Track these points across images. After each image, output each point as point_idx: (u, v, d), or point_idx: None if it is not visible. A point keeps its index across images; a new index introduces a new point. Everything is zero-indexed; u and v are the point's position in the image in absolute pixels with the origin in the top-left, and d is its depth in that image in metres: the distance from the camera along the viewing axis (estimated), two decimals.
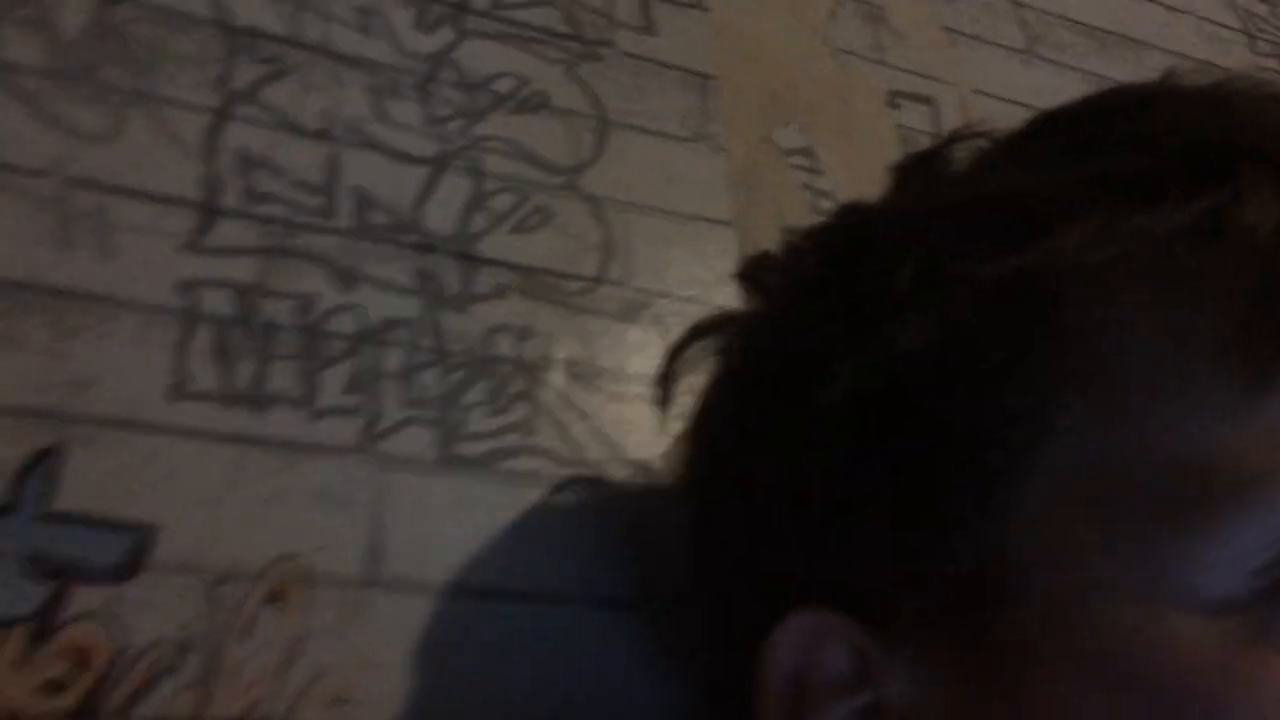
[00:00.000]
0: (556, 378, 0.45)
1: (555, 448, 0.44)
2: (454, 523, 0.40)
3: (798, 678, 0.30)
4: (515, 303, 0.46)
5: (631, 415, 0.46)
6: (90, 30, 0.43)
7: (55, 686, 0.33)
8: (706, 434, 0.38)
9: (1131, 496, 0.26)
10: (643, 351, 0.47)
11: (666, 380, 0.40)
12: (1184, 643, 0.25)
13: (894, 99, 0.62)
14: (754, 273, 0.38)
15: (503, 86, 0.50)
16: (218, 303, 0.40)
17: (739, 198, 0.54)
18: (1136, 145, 0.29)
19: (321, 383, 0.41)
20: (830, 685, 0.29)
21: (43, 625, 0.33)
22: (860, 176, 0.57)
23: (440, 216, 0.46)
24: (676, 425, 0.40)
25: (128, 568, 0.35)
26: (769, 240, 0.42)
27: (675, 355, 0.40)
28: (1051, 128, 0.32)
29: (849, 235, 0.34)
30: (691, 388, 0.40)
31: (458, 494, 0.41)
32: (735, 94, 0.57)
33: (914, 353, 0.29)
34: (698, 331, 0.39)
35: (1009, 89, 0.65)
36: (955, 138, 0.35)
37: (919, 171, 0.35)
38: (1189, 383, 0.27)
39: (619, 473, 0.45)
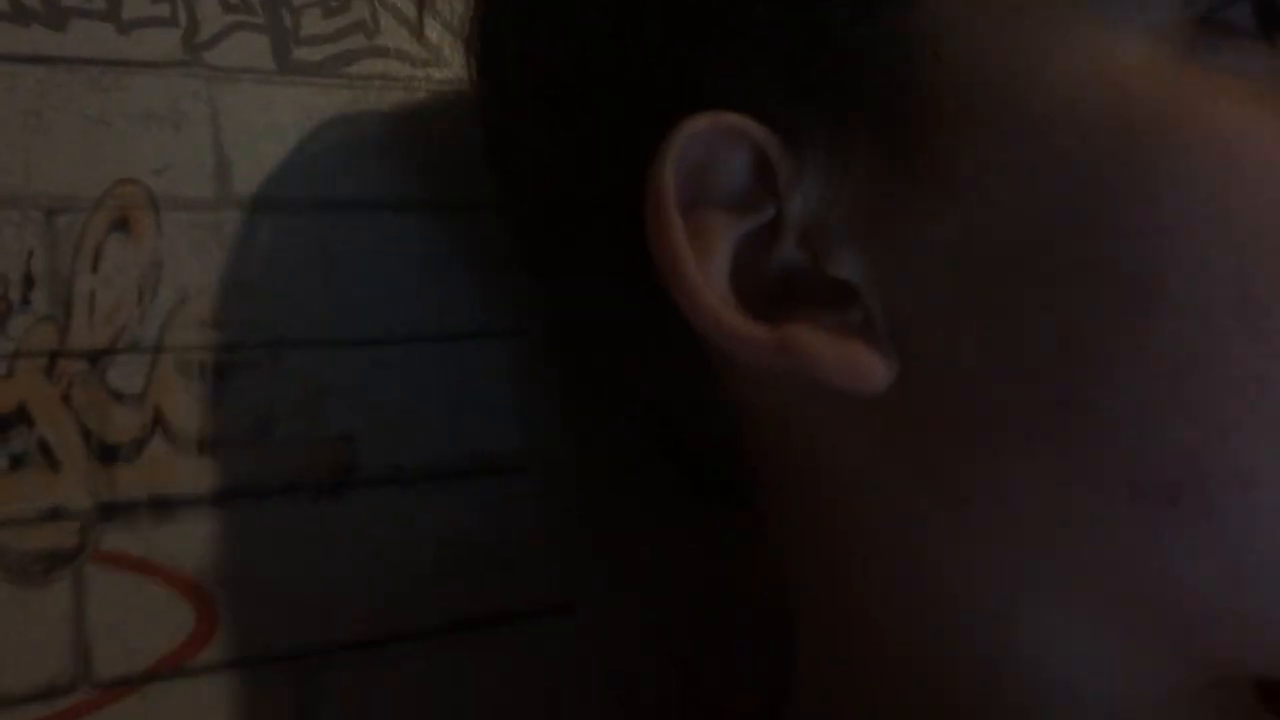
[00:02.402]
0: None
1: (405, 48, 0.40)
2: (302, 134, 0.38)
3: (692, 194, 0.26)
4: None
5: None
6: None
7: None
8: None
9: None
10: None
11: None
12: (1132, 74, 0.24)
13: None
14: None
15: None
16: None
17: None
18: None
19: None
20: (727, 199, 0.26)
21: None
22: None
23: None
24: None
25: None
26: None
27: None
28: None
29: None
30: None
31: (302, 103, 0.38)
32: None
33: None
34: None
35: None
36: None
37: None
38: None
39: None
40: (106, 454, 0.32)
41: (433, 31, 0.41)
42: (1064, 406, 0.25)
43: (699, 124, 0.26)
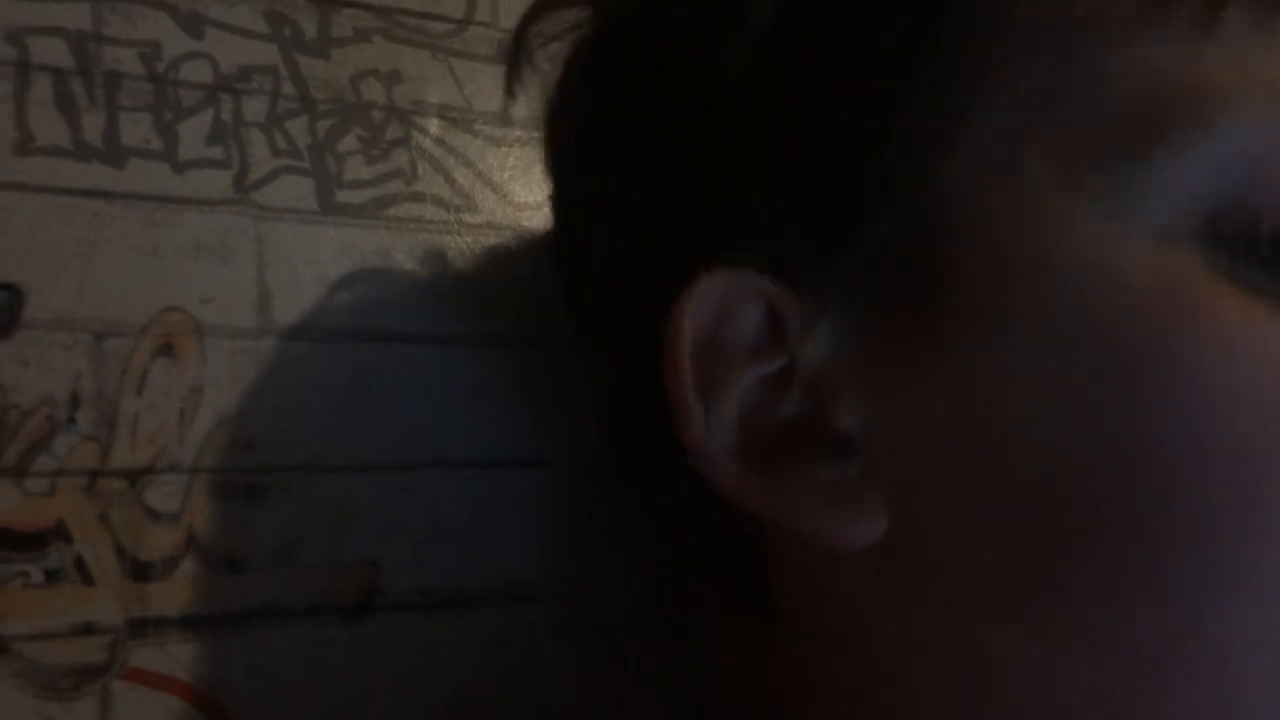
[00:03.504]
0: (431, 123, 0.44)
1: (440, 194, 0.43)
2: (341, 270, 0.39)
3: (707, 344, 0.27)
4: (379, 46, 0.44)
5: (516, 160, 0.45)
6: None
7: None
8: (581, 101, 0.35)
9: (1084, 128, 0.25)
10: (520, 94, 0.46)
11: (518, 46, 0.36)
12: (1135, 271, 0.24)
13: None
14: None
15: None
16: (52, 52, 0.37)
17: None
18: None
19: (180, 134, 0.38)
20: (740, 350, 0.27)
21: None
22: None
23: None
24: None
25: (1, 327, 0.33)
26: None
27: (535, 15, 0.36)
28: None
29: None
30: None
31: (343, 241, 0.40)
32: None
33: None
34: None
35: None
36: None
37: None
38: (1142, 11, 0.25)
39: (511, 218, 0.44)
40: (140, 572, 0.33)
41: (465, 179, 0.44)
42: (1049, 576, 0.25)
43: (716, 280, 0.27)
